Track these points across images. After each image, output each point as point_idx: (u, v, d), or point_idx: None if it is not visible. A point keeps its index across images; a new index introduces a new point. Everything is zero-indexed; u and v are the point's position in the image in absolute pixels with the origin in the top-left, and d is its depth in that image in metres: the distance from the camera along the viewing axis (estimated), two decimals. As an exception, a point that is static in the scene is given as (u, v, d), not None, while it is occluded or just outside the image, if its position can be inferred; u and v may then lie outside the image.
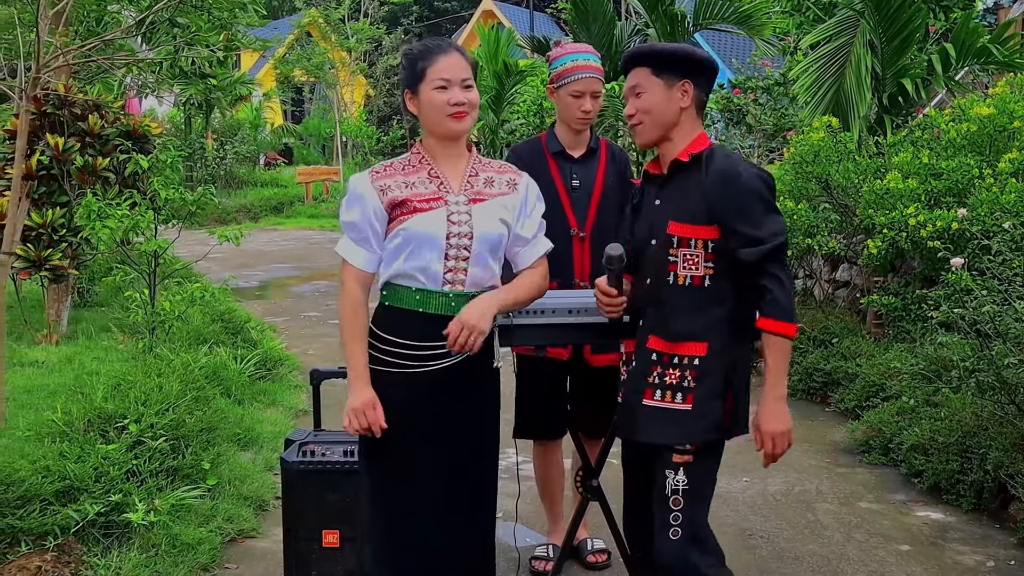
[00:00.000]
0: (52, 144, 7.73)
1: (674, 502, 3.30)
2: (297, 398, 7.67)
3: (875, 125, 9.77)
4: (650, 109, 3.38)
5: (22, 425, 5.37)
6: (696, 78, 3.37)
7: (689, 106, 3.37)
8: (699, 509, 3.34)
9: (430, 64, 3.24)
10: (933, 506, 5.59)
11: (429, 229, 3.21)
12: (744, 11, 11.89)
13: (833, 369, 7.58)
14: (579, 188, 4.36)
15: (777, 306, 3.19)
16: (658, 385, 3.34)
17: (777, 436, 3.26)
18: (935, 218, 6.76)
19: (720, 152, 3.35)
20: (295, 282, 14.15)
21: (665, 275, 3.34)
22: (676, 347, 3.31)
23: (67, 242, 7.78)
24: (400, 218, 3.22)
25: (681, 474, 3.30)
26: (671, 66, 3.35)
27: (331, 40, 27.92)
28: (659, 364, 3.35)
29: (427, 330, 3.24)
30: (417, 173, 3.29)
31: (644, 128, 3.41)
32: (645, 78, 3.38)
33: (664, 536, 3.32)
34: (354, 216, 3.26)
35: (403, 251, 3.22)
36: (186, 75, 19.05)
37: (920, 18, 9.38)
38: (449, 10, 46.08)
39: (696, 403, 3.28)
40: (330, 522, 3.98)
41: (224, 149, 25.86)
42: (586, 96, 4.29)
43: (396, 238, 3.23)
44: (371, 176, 3.28)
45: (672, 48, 3.40)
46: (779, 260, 3.21)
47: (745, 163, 3.33)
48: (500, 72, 17.93)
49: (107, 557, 4.44)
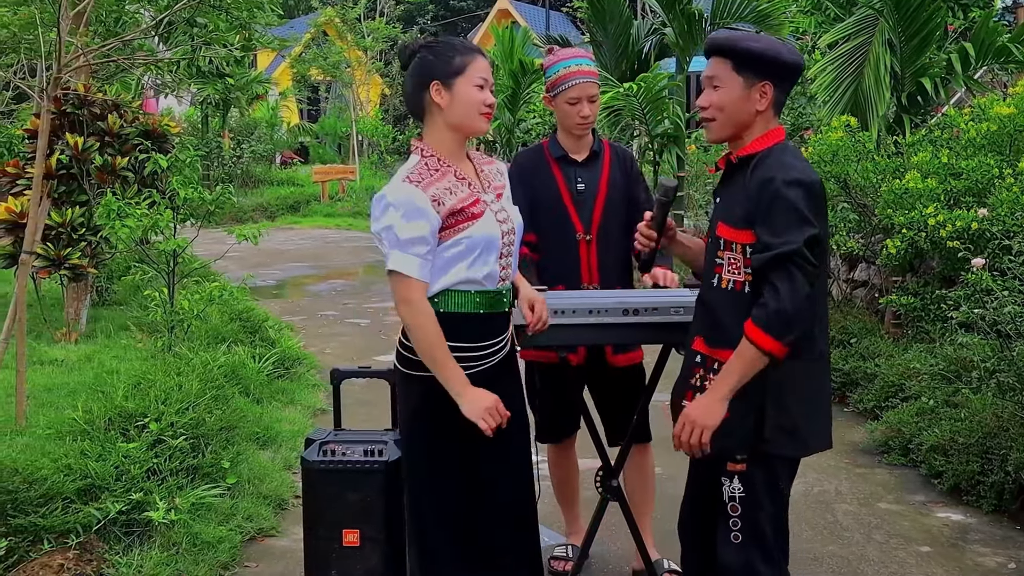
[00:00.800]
0: (72, 143, 7.77)
1: (732, 508, 3.25)
2: (315, 397, 7.68)
3: (894, 124, 9.74)
4: (724, 106, 3.22)
5: (43, 423, 5.40)
6: (779, 81, 3.21)
7: (766, 109, 3.22)
8: (760, 517, 3.24)
9: (472, 60, 3.25)
10: (953, 507, 5.57)
11: (490, 233, 3.24)
12: (762, 10, 11.86)
13: (852, 369, 7.56)
14: (584, 192, 4.33)
15: (762, 313, 3.01)
16: (698, 389, 3.26)
17: (695, 425, 3.14)
18: (955, 218, 6.73)
19: (774, 153, 3.18)
20: (312, 281, 14.18)
21: (712, 276, 3.26)
22: (716, 352, 3.22)
23: (86, 241, 7.81)
24: (458, 226, 3.20)
25: (736, 482, 3.23)
26: (754, 65, 3.18)
27: (347, 39, 27.96)
28: (701, 367, 3.27)
29: (484, 330, 3.28)
30: (445, 177, 3.25)
31: (715, 125, 3.26)
32: (724, 72, 3.21)
33: (725, 540, 3.28)
34: (422, 230, 3.15)
35: (465, 258, 3.21)
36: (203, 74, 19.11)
37: (939, 17, 9.35)
38: (465, 9, 46.08)
39: (728, 412, 3.14)
40: (350, 521, 3.97)
41: (241, 148, 25.90)
42: (583, 101, 4.27)
43: (456, 246, 3.20)
44: (420, 188, 3.19)
45: (759, 47, 3.18)
46: (784, 268, 3.00)
47: (797, 168, 3.13)
48: (516, 71, 17.94)
49: (128, 555, 4.46)
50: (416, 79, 3.28)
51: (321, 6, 28.92)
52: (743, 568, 3.25)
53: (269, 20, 10.47)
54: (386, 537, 3.91)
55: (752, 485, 3.22)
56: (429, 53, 3.28)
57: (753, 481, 3.22)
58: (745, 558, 3.24)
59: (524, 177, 4.34)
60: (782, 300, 2.99)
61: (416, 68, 3.27)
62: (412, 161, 3.29)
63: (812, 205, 3.08)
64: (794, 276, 3.00)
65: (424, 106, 3.29)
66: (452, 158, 3.31)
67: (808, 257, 3.01)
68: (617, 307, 3.76)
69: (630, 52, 13.19)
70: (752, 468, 3.21)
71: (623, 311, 3.76)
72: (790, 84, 3.27)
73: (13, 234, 7.63)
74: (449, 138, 3.31)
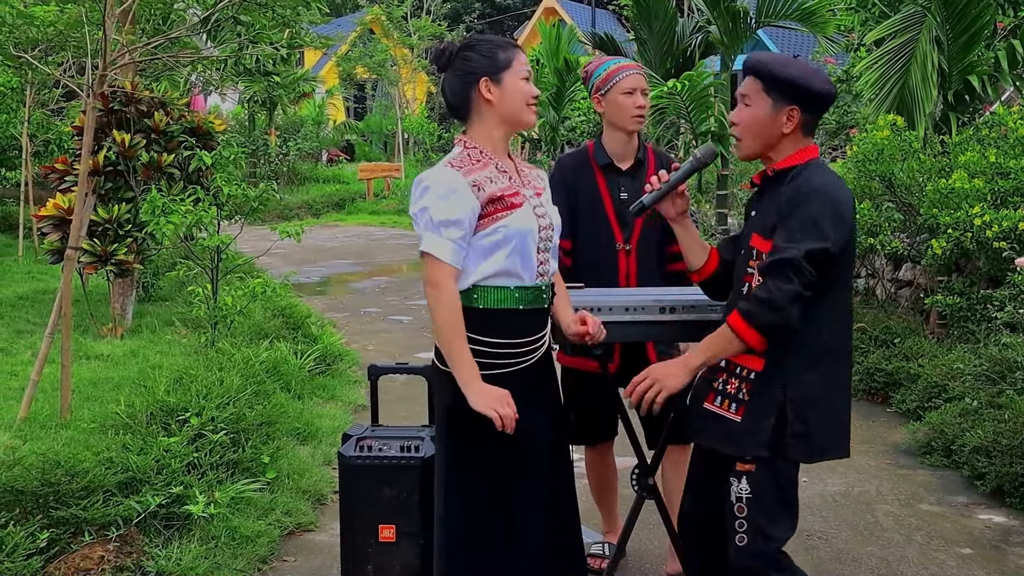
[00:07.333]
0: (118, 140, 7.86)
1: (738, 510, 3.28)
2: (356, 393, 7.71)
3: (940, 123, 9.63)
4: (751, 125, 3.30)
5: (87, 417, 5.47)
6: (807, 107, 3.26)
7: (792, 132, 3.28)
8: (766, 519, 3.27)
9: (515, 55, 3.28)
10: (996, 509, 5.50)
11: (528, 224, 3.24)
12: (807, 7, 11.76)
13: (895, 369, 7.49)
14: (627, 202, 4.27)
15: (746, 303, 3.16)
16: (720, 391, 3.33)
17: (656, 382, 3.27)
18: (1001, 218, 6.66)
19: (809, 168, 3.25)
20: (356, 278, 14.24)
21: (742, 284, 3.33)
22: (738, 357, 3.28)
23: (132, 237, 7.91)
24: (496, 215, 3.19)
25: (744, 483, 3.27)
26: (783, 89, 3.24)
27: (393, 37, 28.09)
28: (725, 371, 3.33)
29: (525, 326, 3.28)
30: (487, 167, 3.25)
31: (742, 142, 3.35)
32: (755, 91, 3.29)
33: (732, 542, 3.32)
34: (457, 212, 3.15)
35: (502, 248, 3.20)
36: (250, 72, 19.29)
37: (988, 14, 9.24)
38: (511, 7, 46.11)
39: (745, 417, 3.25)
40: (386, 517, 3.99)
41: (287, 146, 26.07)
42: (637, 92, 4.26)
43: (493, 234, 3.19)
44: (462, 173, 3.20)
45: (790, 73, 3.24)
46: (781, 271, 3.10)
47: (828, 183, 3.20)
48: (561, 69, 17.93)
49: (168, 548, 4.50)
50: (462, 77, 3.28)
51: (367, 4, 29.05)
52: (749, 572, 3.29)
53: (314, 18, 10.55)
54: (422, 532, 3.92)
55: (759, 486, 3.27)
56: (472, 51, 3.29)
57: (760, 482, 3.27)
58: (752, 561, 3.29)
59: (567, 180, 4.34)
60: (769, 293, 3.12)
61: (461, 67, 3.28)
62: (455, 151, 3.32)
63: (833, 221, 3.15)
64: (788, 277, 3.11)
65: (471, 104, 3.30)
66: (496, 153, 3.31)
67: (805, 266, 3.09)
68: (654, 305, 3.75)
69: (675, 50, 13.13)
70: (760, 469, 3.26)
71: (660, 309, 3.75)
72: (820, 111, 3.34)
73: (60, 230, 7.73)
74: (497, 134, 3.31)
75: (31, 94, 12.67)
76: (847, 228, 3.21)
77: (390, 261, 15.87)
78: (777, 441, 3.23)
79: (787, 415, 3.22)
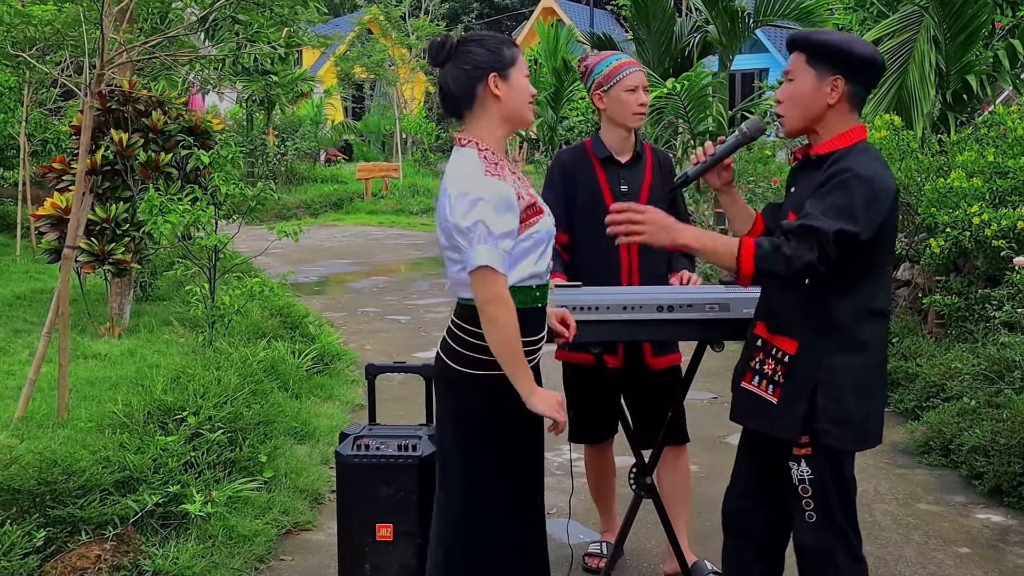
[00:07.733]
0: (116, 140, 7.86)
1: (803, 490, 3.31)
2: (354, 393, 7.70)
3: (938, 122, 9.64)
4: (795, 98, 3.27)
5: (84, 416, 5.47)
6: (851, 75, 3.22)
7: (838, 102, 3.23)
8: (829, 499, 3.30)
9: (518, 52, 3.25)
10: (994, 508, 5.50)
11: (551, 226, 3.25)
12: (805, 7, 11.79)
13: (893, 369, 7.47)
14: (627, 194, 4.28)
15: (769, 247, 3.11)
16: (757, 372, 3.36)
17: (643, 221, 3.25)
18: (999, 217, 6.66)
19: (854, 152, 3.21)
20: (354, 278, 14.22)
21: None
22: (774, 338, 3.31)
23: (130, 236, 7.90)
24: (530, 220, 3.15)
25: (804, 465, 3.29)
26: (824, 58, 3.21)
27: (391, 37, 28.09)
28: (761, 351, 3.36)
29: (539, 323, 3.27)
30: (504, 170, 3.19)
31: (787, 118, 3.31)
32: (798, 65, 3.26)
33: (800, 519, 3.35)
34: (512, 224, 3.08)
35: (533, 252, 3.17)
36: (248, 72, 19.27)
37: (986, 14, 9.25)
38: (510, 7, 46.12)
39: (780, 398, 3.28)
40: (384, 516, 3.98)
41: (285, 145, 26.05)
42: (639, 89, 4.26)
43: (527, 240, 3.14)
44: (502, 179, 3.12)
45: (826, 39, 3.23)
46: (807, 241, 3.06)
47: (873, 169, 3.16)
48: (559, 69, 17.93)
49: (165, 547, 4.49)
50: (469, 72, 3.17)
51: (366, 4, 29.06)
52: (821, 550, 3.31)
53: (312, 18, 10.53)
54: (420, 531, 3.91)
55: (819, 467, 3.28)
56: (477, 46, 3.20)
57: (819, 463, 3.28)
58: (823, 539, 3.31)
59: (566, 174, 4.33)
60: (791, 252, 3.08)
61: (467, 61, 3.18)
62: (472, 155, 3.17)
63: (870, 207, 3.11)
64: (811, 247, 3.06)
65: (476, 99, 3.20)
66: (501, 152, 3.25)
67: (831, 244, 3.05)
68: (651, 303, 3.74)
69: (673, 50, 13.16)
70: (816, 452, 3.27)
71: (657, 307, 3.74)
72: (866, 79, 3.28)
73: (58, 229, 7.73)
74: (500, 132, 3.24)
75: (29, 93, 12.67)
76: (884, 220, 3.16)
77: (388, 261, 15.85)
78: (811, 425, 3.24)
79: (818, 399, 3.23)
